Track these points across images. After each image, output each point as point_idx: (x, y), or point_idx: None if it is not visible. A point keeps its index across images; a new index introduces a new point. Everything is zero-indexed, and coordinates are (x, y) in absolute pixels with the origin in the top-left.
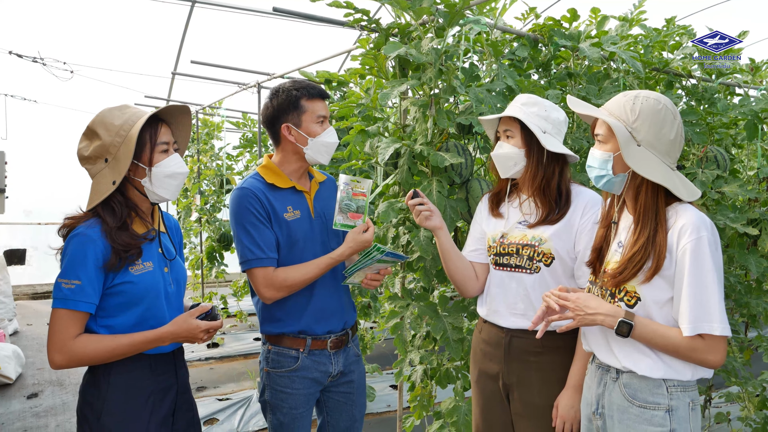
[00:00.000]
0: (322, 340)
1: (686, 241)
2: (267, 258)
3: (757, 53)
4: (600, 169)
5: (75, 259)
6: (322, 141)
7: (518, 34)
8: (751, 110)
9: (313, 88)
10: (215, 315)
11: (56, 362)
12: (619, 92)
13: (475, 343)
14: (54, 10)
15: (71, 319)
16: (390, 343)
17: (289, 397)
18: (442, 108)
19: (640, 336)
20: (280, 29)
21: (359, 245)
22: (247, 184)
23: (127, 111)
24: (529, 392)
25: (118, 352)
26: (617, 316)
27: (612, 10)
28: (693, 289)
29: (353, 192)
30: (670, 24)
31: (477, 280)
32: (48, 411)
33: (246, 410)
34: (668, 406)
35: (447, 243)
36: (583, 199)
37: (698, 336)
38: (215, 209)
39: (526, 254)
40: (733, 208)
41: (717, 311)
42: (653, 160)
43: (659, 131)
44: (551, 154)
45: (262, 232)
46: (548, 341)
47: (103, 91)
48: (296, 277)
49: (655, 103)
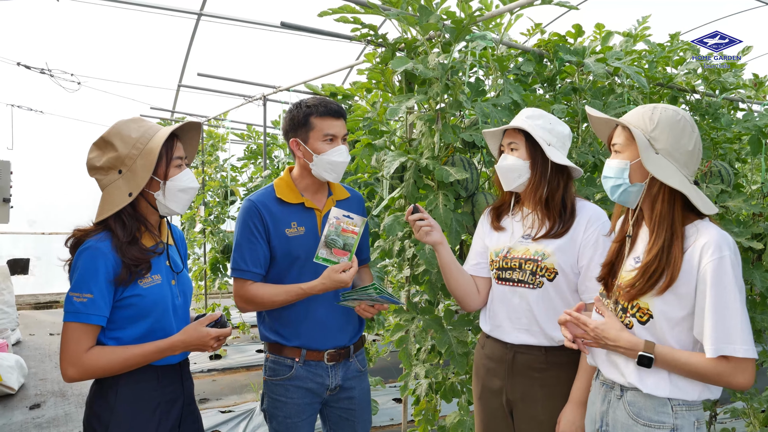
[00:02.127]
0: (319, 352)
1: (708, 260)
2: (248, 271)
3: (760, 68)
4: (616, 178)
5: (87, 273)
6: (327, 159)
7: (524, 50)
8: (755, 125)
9: (324, 106)
10: (224, 322)
11: (70, 375)
12: (623, 107)
13: (478, 358)
14: (62, 22)
15: (83, 332)
16: (394, 356)
17: (284, 406)
18: (448, 122)
19: (663, 366)
20: (286, 43)
21: (334, 284)
22: (255, 197)
23: (143, 124)
24: (533, 408)
25: (130, 363)
26: (636, 349)
27: (616, 26)
28: (715, 310)
29: (342, 228)
30: (674, 39)
31: (479, 294)
32: (50, 422)
33: (249, 423)
34: (673, 425)
35: (447, 257)
36: (587, 213)
37: (723, 358)
38: (219, 220)
39: (529, 269)
40: (738, 222)
41: (740, 332)
42: (671, 168)
43: (678, 141)
44: (555, 167)
45: (252, 246)
46: (552, 357)
47: (109, 103)
48: (264, 296)
49: (673, 114)
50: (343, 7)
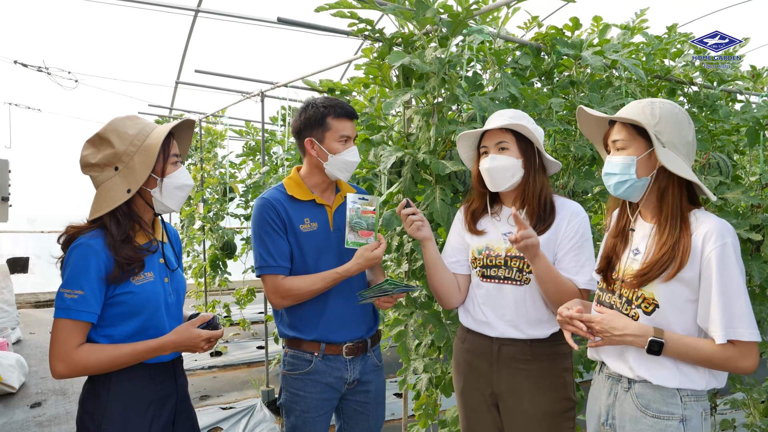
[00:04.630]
0: (337, 346)
1: (711, 247)
2: (277, 266)
3: (758, 60)
4: (622, 175)
5: (78, 270)
6: (342, 159)
7: (521, 43)
8: (753, 117)
9: (341, 107)
10: (216, 324)
11: (59, 372)
12: (621, 100)
13: (458, 353)
14: (58, 19)
15: (73, 329)
16: (394, 351)
17: (302, 400)
18: (445, 116)
19: (671, 352)
20: (283, 38)
21: (368, 262)
22: (268, 194)
23: (140, 121)
24: (519, 400)
25: (120, 361)
26: (646, 335)
27: (614, 19)
28: (721, 297)
29: (362, 210)
30: (672, 32)
31: (460, 291)
32: (51, 420)
33: (250, 419)
34: (682, 416)
35: (435, 254)
36: (569, 209)
37: (730, 343)
38: (218, 217)
39: (515, 266)
40: (736, 214)
41: (746, 317)
42: (678, 159)
43: (679, 133)
44: (540, 165)
45: (275, 241)
46: (537, 348)
47: (106, 100)
48: (301, 287)
49: (671, 107)
50: (339, 2)
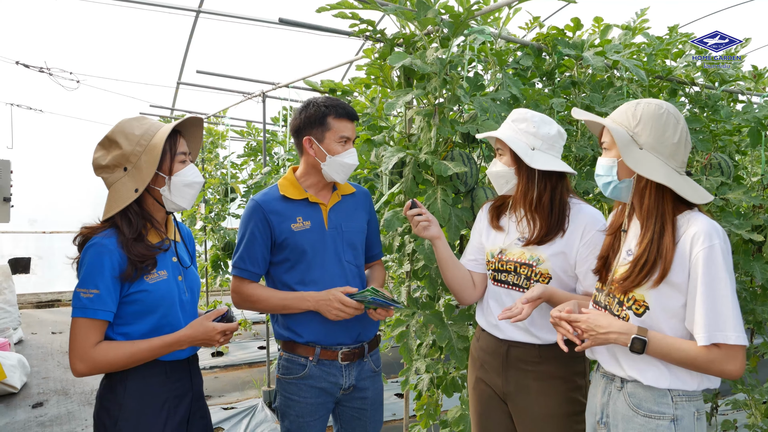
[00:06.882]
0: (332, 351)
1: (699, 249)
2: (245, 270)
3: (759, 60)
4: (606, 176)
5: (92, 269)
6: (340, 160)
7: (522, 44)
8: (754, 117)
9: (342, 108)
10: (231, 317)
11: (78, 370)
12: (622, 100)
13: (473, 350)
14: (60, 20)
15: (91, 327)
16: (395, 351)
17: (296, 405)
18: (446, 117)
19: (655, 351)
20: (285, 39)
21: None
22: (258, 196)
23: (146, 122)
24: (527, 401)
25: (138, 357)
26: (630, 333)
27: (615, 19)
28: (707, 298)
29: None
30: (673, 32)
31: (475, 288)
32: (53, 420)
33: (251, 419)
34: (673, 415)
35: (445, 252)
36: (583, 219)
37: (714, 346)
38: (220, 218)
39: (523, 273)
40: (738, 214)
41: (731, 319)
42: (656, 162)
43: (662, 135)
44: (543, 170)
45: (252, 246)
46: (546, 351)
47: (108, 101)
48: (260, 298)
49: (656, 108)
50: (341, 3)
